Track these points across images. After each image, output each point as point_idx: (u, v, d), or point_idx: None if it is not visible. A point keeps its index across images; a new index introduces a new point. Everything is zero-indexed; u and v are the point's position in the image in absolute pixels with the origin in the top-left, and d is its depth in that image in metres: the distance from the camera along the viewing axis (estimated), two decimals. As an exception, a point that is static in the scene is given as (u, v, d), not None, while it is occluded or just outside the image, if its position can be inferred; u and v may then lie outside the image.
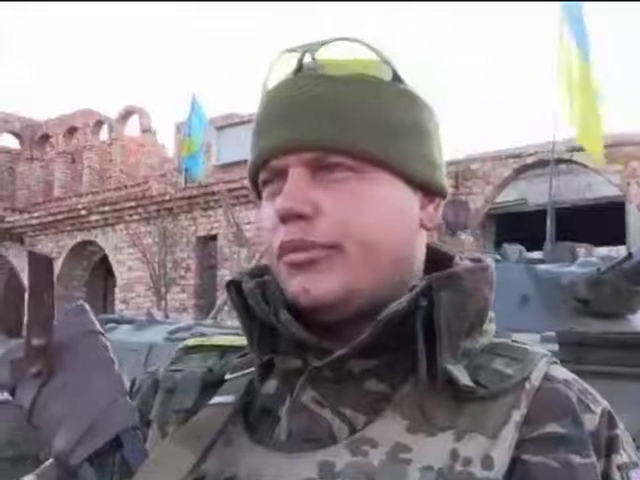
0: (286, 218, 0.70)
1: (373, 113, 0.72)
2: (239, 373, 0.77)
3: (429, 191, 0.75)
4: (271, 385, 0.75)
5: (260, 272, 0.77)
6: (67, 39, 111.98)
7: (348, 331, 0.70)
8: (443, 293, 0.69)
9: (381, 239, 0.71)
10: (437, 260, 0.77)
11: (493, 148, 14.07)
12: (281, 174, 0.72)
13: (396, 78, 0.74)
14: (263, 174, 0.74)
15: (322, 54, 0.73)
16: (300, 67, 0.73)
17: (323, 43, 0.73)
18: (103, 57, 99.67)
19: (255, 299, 0.73)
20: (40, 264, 0.72)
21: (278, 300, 0.72)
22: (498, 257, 4.73)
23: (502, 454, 0.65)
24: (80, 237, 19.35)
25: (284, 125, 0.72)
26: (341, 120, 0.70)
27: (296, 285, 0.70)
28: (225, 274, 15.64)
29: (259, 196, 0.77)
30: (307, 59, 0.73)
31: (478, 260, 0.76)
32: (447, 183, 0.78)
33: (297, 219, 0.69)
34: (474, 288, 0.72)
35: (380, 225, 0.71)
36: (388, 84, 0.74)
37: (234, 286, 0.76)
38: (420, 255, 0.76)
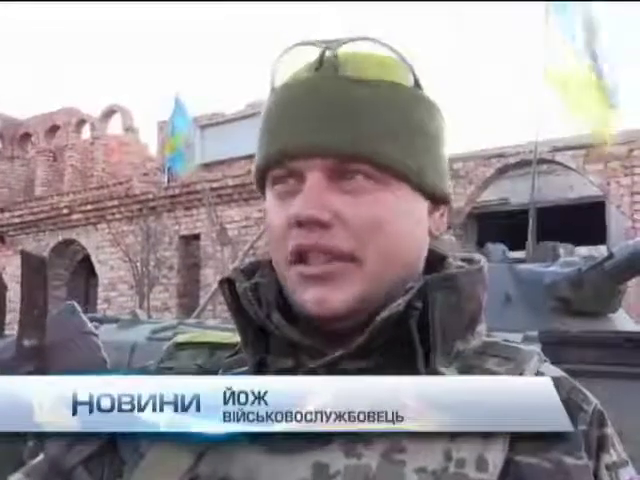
0: (304, 224, 0.68)
1: (397, 123, 0.71)
2: (231, 372, 0.76)
3: (436, 199, 0.75)
4: None
5: (254, 269, 0.76)
6: (49, 38, 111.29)
7: (342, 331, 0.70)
8: (438, 294, 0.69)
9: (399, 249, 0.70)
10: (430, 260, 0.76)
11: (476, 148, 14.08)
12: (296, 174, 0.70)
13: (416, 84, 0.74)
14: (277, 171, 0.72)
15: (342, 52, 0.71)
16: (320, 64, 0.71)
17: (345, 41, 0.71)
18: (85, 55, 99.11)
19: (248, 300, 0.72)
20: (33, 264, 0.72)
21: (270, 302, 0.72)
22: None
23: (496, 455, 0.64)
24: (62, 236, 19.17)
25: (305, 126, 0.69)
26: (366, 128, 0.69)
27: (310, 295, 0.69)
28: (208, 273, 15.57)
29: (262, 190, 0.76)
30: (327, 55, 0.71)
31: (470, 260, 0.76)
32: (451, 190, 0.77)
33: (315, 225, 0.68)
34: (469, 289, 0.72)
35: (399, 236, 0.70)
36: (411, 91, 0.73)
37: (227, 285, 0.74)
38: (423, 260, 0.76)
